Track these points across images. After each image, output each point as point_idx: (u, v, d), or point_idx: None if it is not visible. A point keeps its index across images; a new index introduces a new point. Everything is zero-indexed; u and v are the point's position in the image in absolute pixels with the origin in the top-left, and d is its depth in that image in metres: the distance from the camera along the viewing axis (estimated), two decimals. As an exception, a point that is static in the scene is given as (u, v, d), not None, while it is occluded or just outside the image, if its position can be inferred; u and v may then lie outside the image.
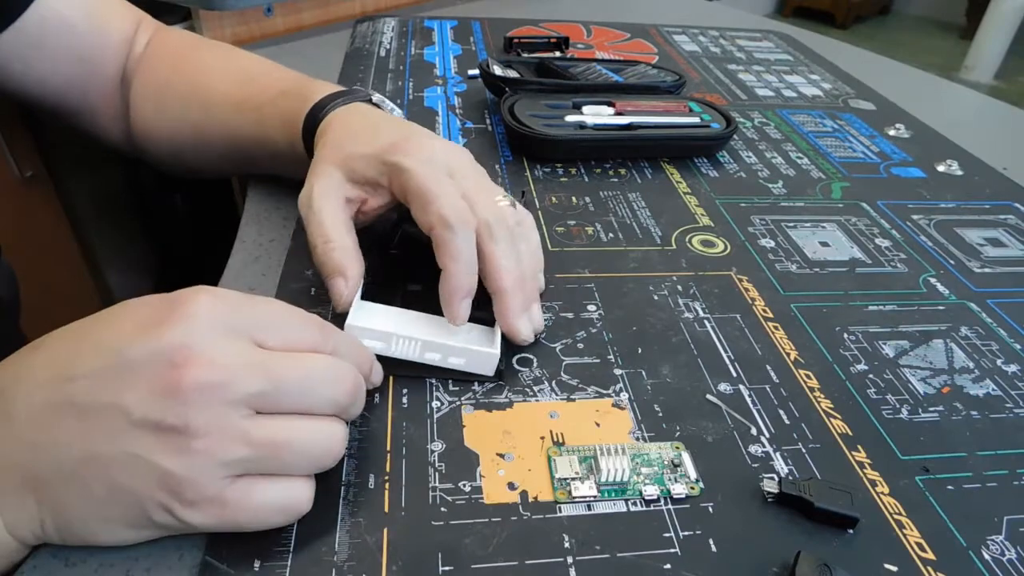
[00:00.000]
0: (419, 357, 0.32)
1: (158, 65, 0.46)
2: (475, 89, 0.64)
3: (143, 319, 0.23)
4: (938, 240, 0.47)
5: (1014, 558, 0.27)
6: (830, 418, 0.32)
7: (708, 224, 0.47)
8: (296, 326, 0.26)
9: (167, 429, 0.22)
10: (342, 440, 0.25)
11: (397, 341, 0.32)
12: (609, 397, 0.32)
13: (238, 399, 0.22)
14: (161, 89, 0.46)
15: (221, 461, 0.22)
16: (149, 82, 0.46)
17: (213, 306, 0.24)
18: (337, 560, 0.25)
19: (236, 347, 0.23)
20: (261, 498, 0.23)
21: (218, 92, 0.44)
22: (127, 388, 0.22)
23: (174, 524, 0.23)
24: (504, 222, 0.33)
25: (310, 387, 0.24)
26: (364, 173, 0.34)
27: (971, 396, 0.35)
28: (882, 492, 0.29)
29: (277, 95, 0.41)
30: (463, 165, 0.35)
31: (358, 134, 0.36)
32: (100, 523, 0.23)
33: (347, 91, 0.40)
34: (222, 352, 0.23)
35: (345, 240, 0.33)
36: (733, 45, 0.85)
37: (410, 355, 0.32)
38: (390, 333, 0.31)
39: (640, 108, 0.55)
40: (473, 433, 0.30)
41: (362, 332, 0.32)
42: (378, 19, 0.80)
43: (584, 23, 0.86)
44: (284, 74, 0.44)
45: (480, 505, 0.27)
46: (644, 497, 0.28)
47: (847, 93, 0.72)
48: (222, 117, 0.43)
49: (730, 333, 0.37)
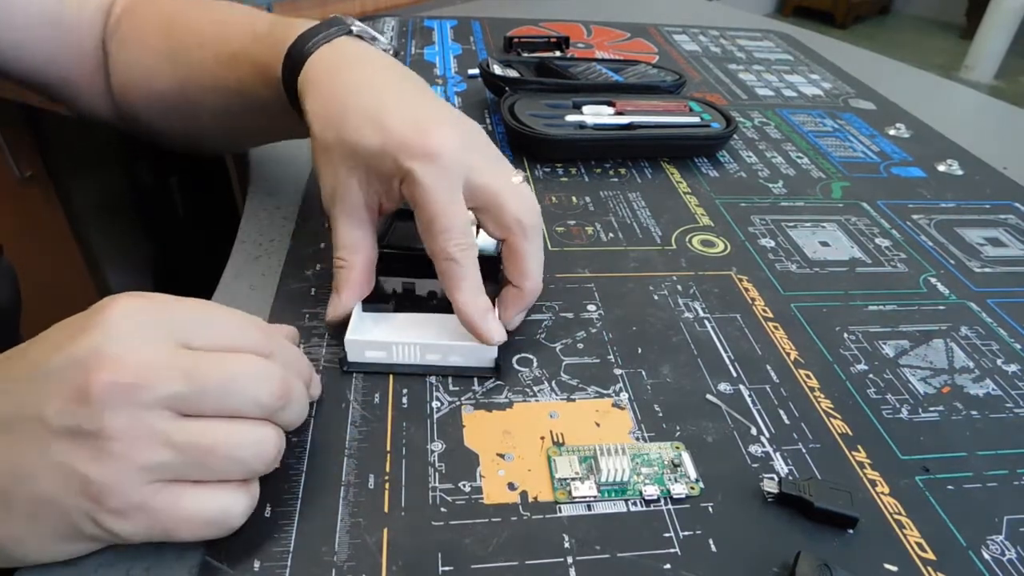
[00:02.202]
0: (420, 360, 0.33)
1: (137, 28, 0.43)
2: (475, 89, 0.64)
3: (65, 332, 0.23)
4: (938, 240, 0.47)
5: (1014, 558, 0.27)
6: (830, 418, 0.32)
7: (708, 224, 0.47)
8: (228, 326, 0.25)
9: (84, 435, 0.21)
10: (275, 445, 0.24)
11: (398, 349, 0.32)
12: (609, 397, 0.32)
13: (155, 400, 0.22)
14: (143, 51, 0.43)
15: (141, 466, 0.22)
16: (130, 46, 0.43)
17: (132, 309, 0.23)
18: (337, 560, 0.25)
19: (153, 348, 0.22)
20: (191, 505, 0.23)
21: (196, 45, 0.41)
22: (45, 399, 0.21)
23: (103, 535, 0.22)
24: (539, 221, 0.34)
25: (234, 388, 0.23)
26: (379, 170, 0.32)
27: (971, 396, 0.35)
28: (882, 492, 0.29)
29: (250, 41, 0.38)
30: (479, 152, 0.33)
31: (356, 104, 0.32)
32: (32, 539, 0.23)
33: (323, 24, 0.36)
34: (136, 353, 0.22)
35: (354, 259, 0.33)
36: (733, 45, 0.85)
37: (412, 359, 0.33)
38: (390, 342, 0.32)
39: (640, 108, 0.55)
40: (473, 433, 0.30)
41: (363, 345, 0.32)
42: (378, 19, 0.80)
43: (584, 23, 0.86)
44: (257, 17, 0.40)
45: (480, 505, 0.27)
46: (644, 497, 0.28)
47: (847, 93, 0.72)
48: (204, 72, 0.40)
49: (730, 333, 0.37)
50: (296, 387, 0.26)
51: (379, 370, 0.32)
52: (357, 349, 0.32)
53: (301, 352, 0.29)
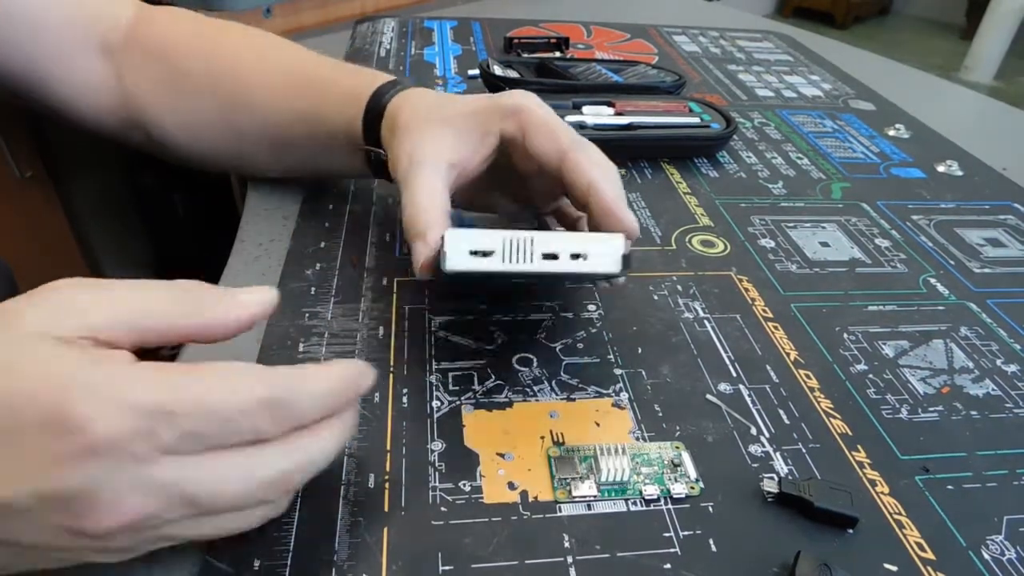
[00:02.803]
0: (533, 265, 0.28)
1: (164, 36, 0.43)
2: (475, 89, 0.64)
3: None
4: (938, 240, 0.47)
5: (1014, 558, 0.27)
6: (830, 418, 0.32)
7: (708, 224, 0.47)
8: (214, 415, 0.21)
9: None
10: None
11: (510, 247, 0.27)
12: (609, 397, 0.32)
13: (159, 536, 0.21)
14: (176, 60, 0.42)
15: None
16: (155, 53, 0.43)
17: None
18: (337, 560, 0.25)
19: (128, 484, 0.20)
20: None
21: (255, 67, 0.42)
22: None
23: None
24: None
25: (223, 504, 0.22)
26: (473, 125, 0.34)
27: (971, 396, 0.35)
28: (882, 492, 0.29)
29: (335, 74, 0.41)
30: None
31: (443, 104, 0.35)
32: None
33: (400, 79, 0.39)
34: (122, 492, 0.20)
35: (435, 205, 0.32)
36: (733, 45, 0.85)
37: (524, 264, 0.27)
38: (500, 238, 0.27)
39: (640, 108, 0.55)
40: (473, 433, 0.30)
41: (467, 241, 0.27)
42: (378, 19, 0.80)
43: (584, 23, 0.86)
44: (324, 58, 0.43)
45: (480, 505, 0.27)
46: (644, 497, 0.28)
47: (847, 93, 0.72)
48: (261, 92, 0.41)
49: (730, 333, 0.37)
50: (296, 478, 0.23)
51: (481, 278, 0.28)
52: (459, 249, 0.27)
53: (323, 385, 0.23)
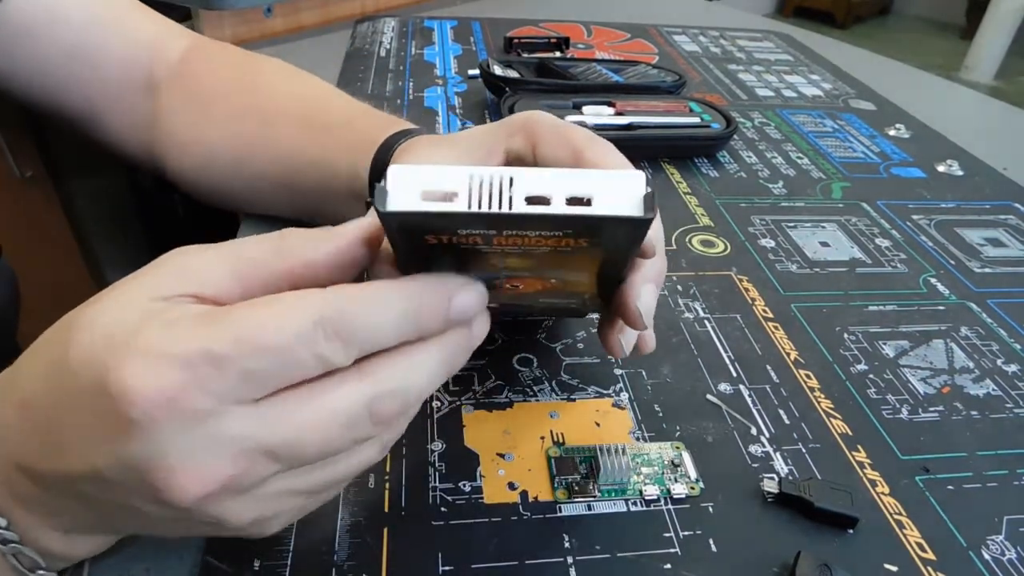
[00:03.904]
0: (514, 210, 0.18)
1: (203, 75, 0.44)
2: (475, 89, 0.64)
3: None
4: (938, 240, 0.47)
5: (1014, 558, 0.27)
6: (830, 418, 0.32)
7: (708, 224, 0.47)
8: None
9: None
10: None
11: (478, 185, 0.18)
12: (609, 397, 0.32)
13: None
14: (208, 100, 0.43)
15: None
16: (191, 92, 0.43)
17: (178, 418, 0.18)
18: (337, 560, 0.25)
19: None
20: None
21: (282, 109, 0.41)
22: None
23: None
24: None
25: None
26: (477, 145, 0.31)
27: (971, 396, 0.35)
28: (882, 492, 0.29)
29: (352, 117, 0.40)
30: None
31: (449, 135, 0.35)
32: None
33: (415, 128, 0.38)
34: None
35: None
36: (733, 45, 0.85)
37: (501, 206, 0.18)
38: (462, 178, 0.18)
39: (640, 108, 0.55)
40: (473, 433, 0.30)
41: (419, 178, 0.18)
42: (378, 19, 0.80)
43: (584, 23, 0.86)
44: (349, 99, 0.42)
45: (480, 505, 0.27)
46: (644, 497, 0.28)
47: (847, 93, 0.72)
48: (281, 135, 0.41)
49: (730, 333, 0.37)
50: (390, 406, 0.20)
51: (438, 227, 0.19)
52: (406, 186, 0.18)
53: (391, 295, 0.19)
